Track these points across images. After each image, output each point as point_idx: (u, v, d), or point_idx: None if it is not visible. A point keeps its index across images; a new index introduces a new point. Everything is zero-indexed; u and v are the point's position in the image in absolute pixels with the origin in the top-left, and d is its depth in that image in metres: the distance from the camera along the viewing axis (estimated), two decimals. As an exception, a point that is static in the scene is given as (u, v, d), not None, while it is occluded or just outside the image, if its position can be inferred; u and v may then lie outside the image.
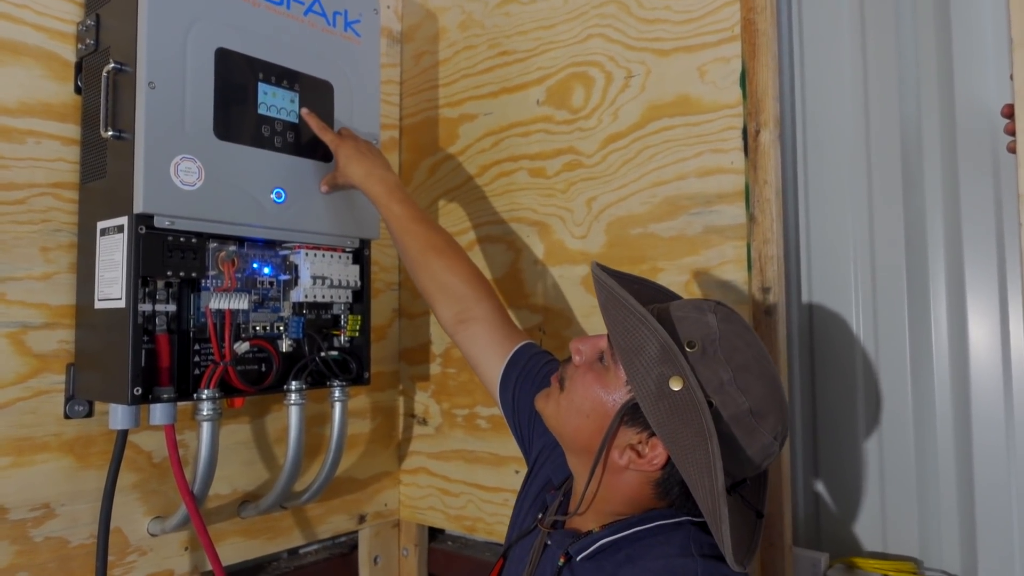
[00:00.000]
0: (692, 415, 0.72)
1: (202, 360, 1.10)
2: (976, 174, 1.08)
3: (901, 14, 1.16)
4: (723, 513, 0.71)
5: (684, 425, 0.73)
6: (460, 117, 1.55)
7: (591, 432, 0.80)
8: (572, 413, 0.82)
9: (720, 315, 0.79)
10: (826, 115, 1.23)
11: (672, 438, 0.73)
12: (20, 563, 1.06)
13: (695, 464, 0.73)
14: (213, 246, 1.11)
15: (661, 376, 0.73)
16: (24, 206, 1.08)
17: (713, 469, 0.71)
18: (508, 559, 0.94)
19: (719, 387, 0.74)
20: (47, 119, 1.11)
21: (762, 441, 0.76)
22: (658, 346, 0.74)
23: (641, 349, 0.75)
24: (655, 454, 0.77)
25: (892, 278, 1.15)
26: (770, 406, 0.77)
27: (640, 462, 0.78)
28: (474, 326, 1.09)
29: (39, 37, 1.10)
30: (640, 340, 0.75)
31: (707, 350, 0.75)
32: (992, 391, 1.06)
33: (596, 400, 0.80)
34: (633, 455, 0.78)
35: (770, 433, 0.77)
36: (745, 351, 0.77)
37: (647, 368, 0.74)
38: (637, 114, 1.28)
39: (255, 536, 1.34)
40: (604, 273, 0.82)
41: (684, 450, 0.73)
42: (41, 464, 1.08)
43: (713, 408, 0.73)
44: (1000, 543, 1.05)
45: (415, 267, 1.14)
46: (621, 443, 0.79)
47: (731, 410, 0.74)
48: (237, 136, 1.11)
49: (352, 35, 1.28)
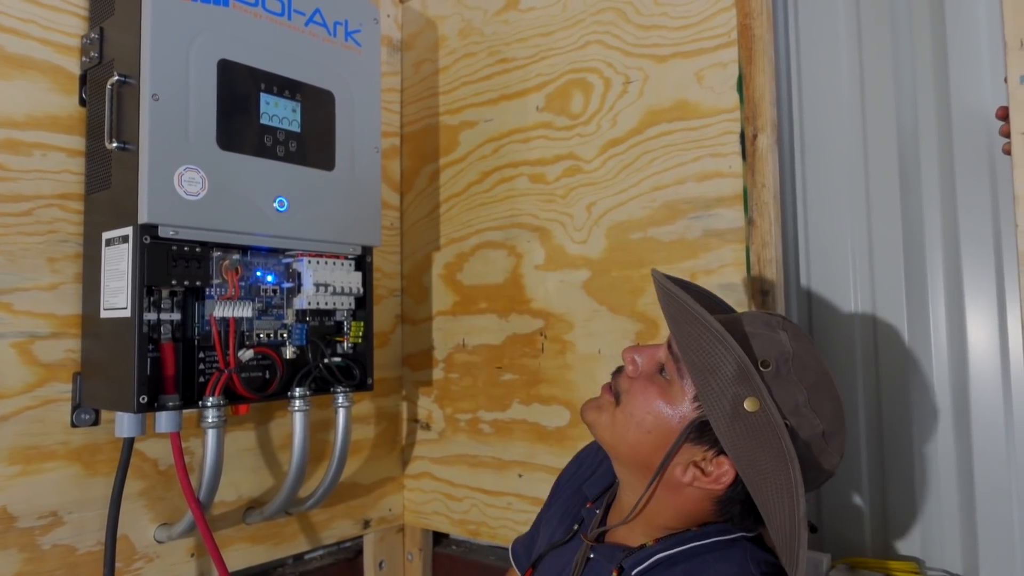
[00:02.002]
0: (771, 438, 0.70)
1: (207, 368, 1.11)
2: (973, 176, 1.09)
3: (897, 18, 1.17)
4: (803, 538, 0.69)
5: (761, 448, 0.70)
6: (460, 124, 1.56)
7: (652, 447, 0.78)
8: (631, 427, 0.79)
9: (791, 332, 0.76)
10: (823, 119, 1.23)
11: (748, 461, 0.71)
12: (28, 570, 1.07)
13: (774, 488, 0.71)
14: (217, 255, 1.12)
15: (736, 396, 0.71)
16: (31, 217, 1.09)
17: (795, 495, 0.69)
18: (538, 570, 0.91)
19: (795, 409, 0.73)
20: (53, 131, 1.12)
21: (832, 462, 0.75)
22: (735, 366, 0.71)
23: (717, 368, 0.72)
24: (721, 472, 0.75)
25: (890, 279, 1.16)
26: (838, 426, 0.76)
27: (705, 480, 0.75)
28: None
29: (45, 51, 1.12)
30: (715, 359, 0.72)
31: (780, 370, 0.73)
32: (991, 391, 1.07)
33: (659, 415, 0.77)
34: (697, 472, 0.76)
35: (837, 454, 0.76)
36: (816, 369, 0.75)
37: (722, 388, 0.72)
38: (636, 119, 1.29)
39: (260, 542, 1.35)
40: (670, 282, 0.79)
41: (762, 474, 0.71)
42: (49, 472, 1.09)
43: (790, 429, 0.72)
44: (1001, 542, 1.05)
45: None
46: (684, 460, 0.76)
47: (807, 432, 0.73)
48: (240, 146, 1.12)
49: (353, 45, 1.30)
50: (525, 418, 1.42)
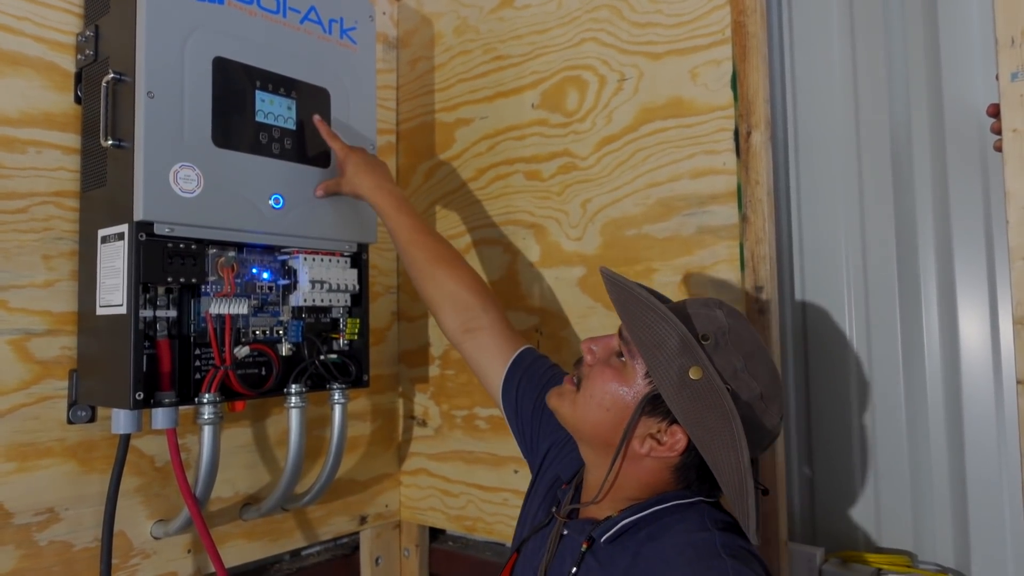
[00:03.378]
0: (715, 399, 0.78)
1: (203, 364, 1.12)
2: (965, 173, 1.10)
3: (890, 16, 1.18)
4: (749, 487, 0.77)
5: (707, 409, 0.78)
6: (456, 121, 1.56)
7: (612, 425, 0.85)
8: (592, 408, 0.87)
9: (725, 311, 0.85)
10: (817, 116, 1.24)
11: (697, 422, 0.78)
12: (25, 567, 1.07)
13: (721, 444, 0.78)
14: (213, 252, 1.13)
15: (682, 367, 0.79)
16: (26, 215, 1.09)
17: (739, 446, 0.77)
18: (522, 553, 0.96)
19: (734, 374, 0.81)
20: (48, 129, 1.12)
21: (771, 422, 0.83)
22: (678, 339, 0.80)
23: (662, 343, 0.80)
24: (675, 440, 0.82)
25: (883, 276, 1.17)
26: (775, 391, 0.83)
27: (660, 449, 0.82)
28: (480, 335, 1.12)
29: (39, 48, 1.12)
30: (661, 335, 0.81)
31: (719, 342, 0.82)
32: (983, 386, 1.08)
33: (615, 394, 0.85)
34: (653, 443, 0.83)
35: (776, 415, 0.83)
36: (751, 341, 0.84)
37: (669, 360, 0.80)
38: (630, 117, 1.29)
39: (257, 538, 1.35)
40: (617, 275, 0.88)
41: (710, 432, 0.78)
42: (45, 469, 1.10)
43: (731, 392, 0.79)
44: (992, 536, 1.06)
45: (422, 278, 1.16)
46: (641, 433, 0.83)
47: (746, 394, 0.81)
48: (235, 143, 1.12)
49: (348, 42, 1.30)
50: (521, 414, 1.42)
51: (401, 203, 1.19)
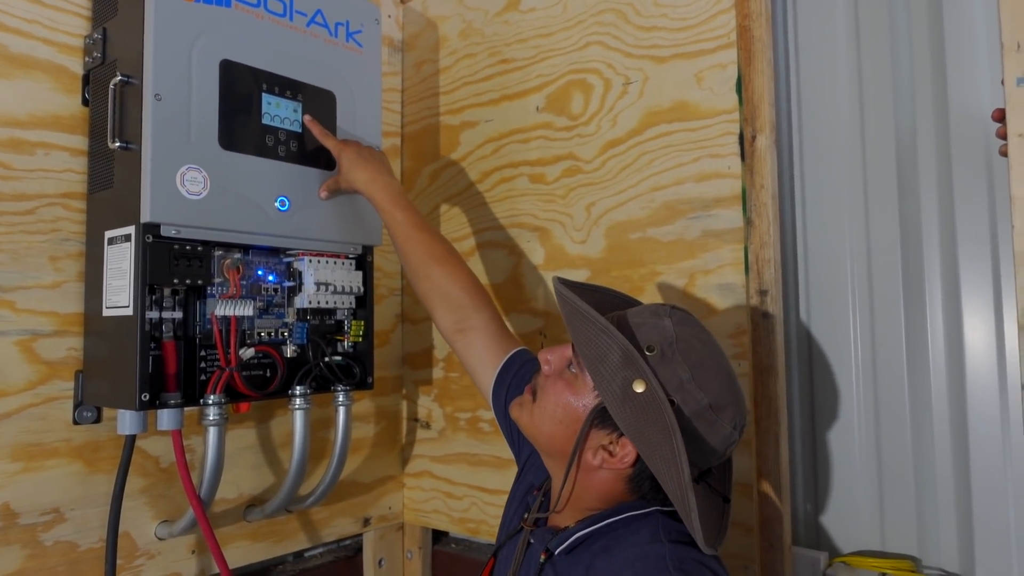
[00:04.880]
0: (656, 414, 0.77)
1: (208, 366, 1.12)
2: (970, 178, 1.10)
3: (895, 20, 1.18)
4: (691, 503, 0.76)
5: (649, 424, 0.77)
6: (461, 124, 1.57)
7: (565, 436, 0.85)
8: (546, 420, 0.87)
9: (676, 319, 0.84)
10: (822, 120, 1.24)
11: (639, 436, 0.78)
12: (30, 567, 1.07)
13: (662, 459, 0.77)
14: (218, 254, 1.13)
15: (625, 380, 0.78)
16: (34, 216, 1.10)
17: (679, 462, 0.76)
18: (498, 559, 0.97)
19: (679, 386, 0.79)
20: (56, 131, 1.13)
21: (723, 432, 0.81)
22: (620, 352, 0.79)
23: (605, 357, 0.80)
24: (625, 452, 0.81)
25: (888, 280, 1.17)
26: (727, 399, 0.82)
27: (612, 461, 0.82)
28: (472, 335, 1.12)
29: (48, 51, 1.13)
30: (603, 348, 0.80)
31: (665, 353, 0.80)
32: (987, 391, 1.08)
33: (567, 406, 0.85)
34: (605, 455, 0.83)
35: (729, 424, 0.82)
36: (701, 350, 0.82)
37: (611, 374, 0.79)
38: (635, 120, 1.30)
39: (261, 539, 1.35)
40: (565, 287, 0.86)
41: (651, 447, 0.78)
42: (51, 469, 1.10)
43: (675, 406, 0.78)
44: (997, 540, 1.06)
45: (416, 275, 1.16)
46: (593, 444, 0.83)
47: (692, 406, 0.79)
48: (241, 146, 1.13)
49: (354, 45, 1.31)
50: (524, 417, 1.42)
51: (396, 197, 1.18)
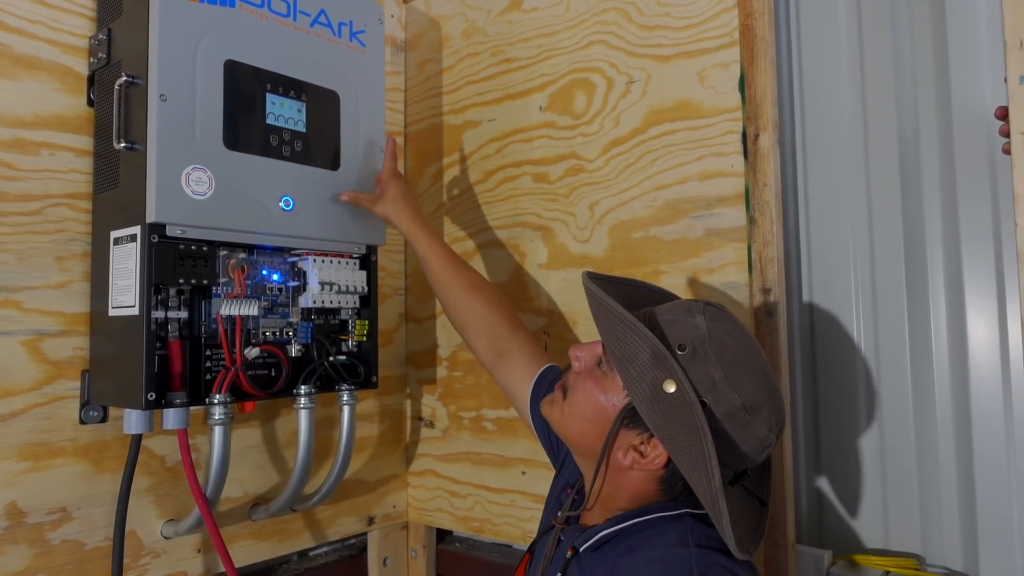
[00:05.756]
0: (686, 416, 0.75)
1: (214, 365, 1.13)
2: (973, 175, 1.10)
3: (897, 18, 1.18)
4: (722, 508, 0.74)
5: (679, 426, 0.75)
6: (464, 124, 1.57)
7: (595, 435, 0.84)
8: (576, 419, 0.86)
9: (708, 315, 0.81)
10: (824, 118, 1.24)
11: (669, 439, 0.76)
12: (38, 565, 1.08)
13: (692, 463, 0.75)
14: (223, 254, 1.13)
15: (655, 380, 0.76)
16: (39, 216, 1.10)
17: (710, 467, 0.74)
18: (533, 555, 0.97)
19: (711, 386, 0.77)
20: (61, 131, 1.13)
21: (758, 435, 0.79)
22: (649, 352, 0.77)
23: (634, 356, 0.78)
24: (656, 454, 0.80)
25: (891, 278, 1.17)
26: (762, 400, 0.79)
27: (643, 462, 0.81)
28: (511, 357, 1.14)
29: (53, 51, 1.13)
30: (632, 347, 0.78)
31: (697, 351, 0.78)
32: (991, 388, 1.08)
33: (597, 405, 0.84)
34: (636, 455, 0.81)
35: (765, 426, 0.79)
36: (735, 348, 0.80)
37: (641, 373, 0.77)
38: (638, 119, 1.30)
39: (266, 538, 1.36)
40: (593, 283, 0.85)
41: (681, 450, 0.76)
42: (57, 468, 1.11)
43: (707, 408, 0.76)
44: (1001, 538, 1.06)
45: (457, 305, 1.19)
46: (624, 444, 0.82)
47: (724, 408, 0.77)
48: (246, 146, 1.13)
49: (357, 45, 1.31)
50: (528, 416, 1.42)
51: (433, 234, 1.24)
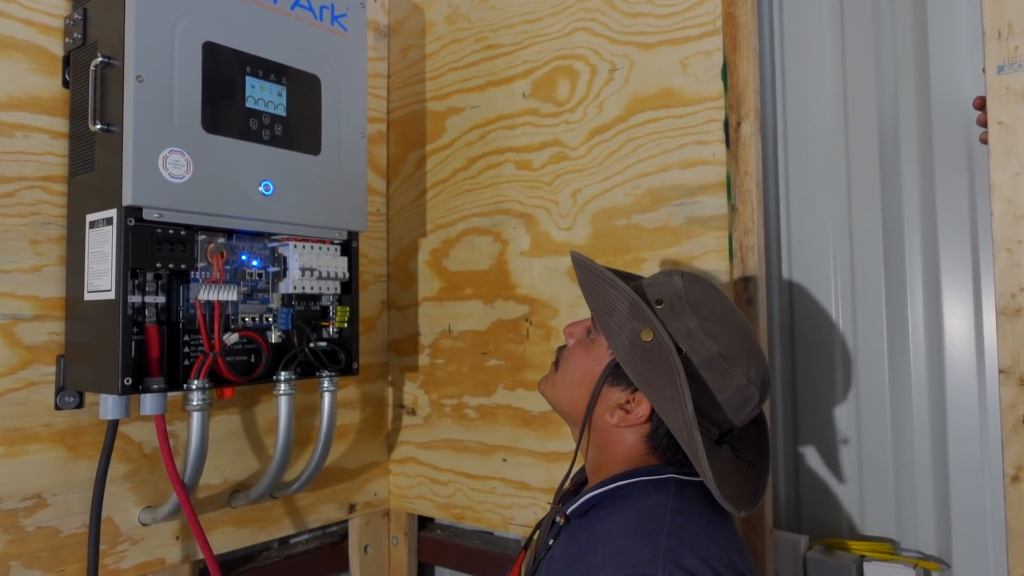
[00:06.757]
0: (662, 359, 0.80)
1: (192, 351, 1.11)
2: (951, 165, 1.11)
3: (879, 9, 1.19)
4: (696, 439, 0.77)
5: (656, 369, 0.80)
6: (447, 110, 1.56)
7: (584, 399, 0.88)
8: (566, 386, 0.91)
9: (687, 278, 0.87)
10: (806, 108, 1.25)
11: (647, 382, 0.80)
12: (12, 552, 1.07)
13: (668, 399, 0.79)
14: (202, 238, 1.12)
15: (633, 330, 0.82)
16: (13, 199, 1.09)
17: (682, 399, 0.77)
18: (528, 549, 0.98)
19: (687, 334, 0.82)
20: (36, 113, 1.11)
21: (736, 383, 0.82)
22: (628, 304, 0.83)
23: (613, 309, 0.84)
24: (640, 407, 0.84)
25: (870, 266, 1.18)
26: (739, 351, 0.83)
27: (628, 418, 0.84)
28: None
29: (27, 31, 1.11)
30: (612, 301, 0.84)
31: (674, 305, 0.84)
32: (967, 376, 1.09)
33: (584, 369, 0.89)
34: (622, 413, 0.85)
35: (743, 375, 0.82)
36: (711, 305, 0.84)
37: (620, 325, 0.83)
38: (621, 107, 1.30)
39: (246, 525, 1.35)
40: (580, 255, 0.91)
41: (657, 390, 0.79)
42: (32, 454, 1.09)
43: (683, 354, 0.80)
44: (973, 524, 1.08)
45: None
46: (611, 404, 0.86)
47: (700, 354, 0.81)
48: (225, 129, 1.12)
49: (339, 29, 1.29)
50: (510, 403, 1.43)
51: None
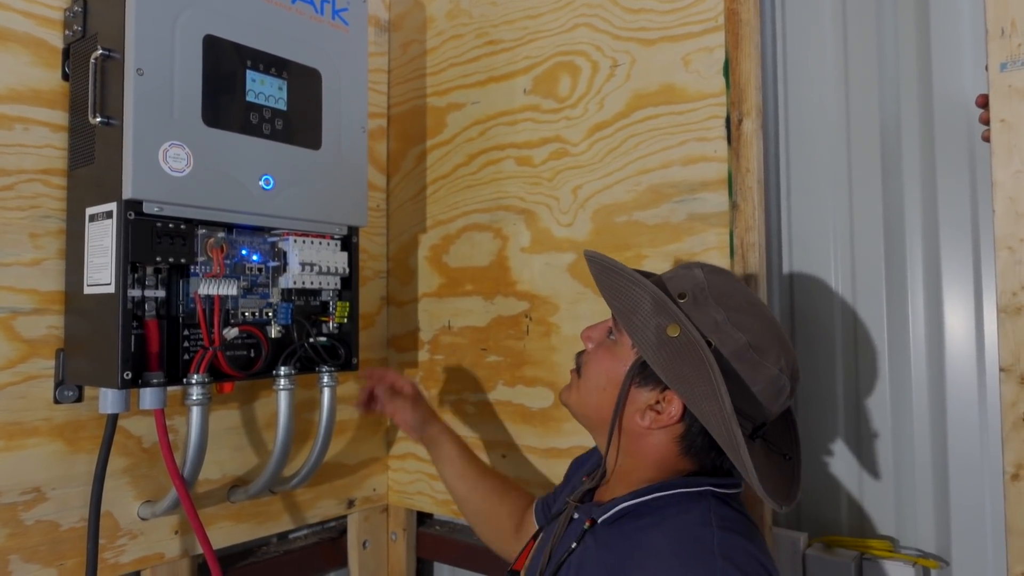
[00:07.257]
0: (692, 352, 0.77)
1: (191, 345, 1.11)
2: (952, 162, 1.11)
3: (881, 6, 1.18)
4: (737, 435, 0.74)
5: (686, 363, 0.77)
6: (448, 106, 1.56)
7: (610, 403, 0.84)
8: (591, 391, 0.87)
9: (707, 269, 0.84)
10: (808, 104, 1.25)
11: (678, 378, 0.77)
12: (11, 546, 1.07)
13: (703, 395, 0.76)
14: (202, 232, 1.12)
15: (659, 326, 0.78)
16: (13, 192, 1.08)
17: (719, 393, 0.74)
18: (538, 539, 0.97)
19: (714, 327, 0.79)
20: (35, 106, 1.11)
21: (768, 374, 0.79)
22: (651, 300, 0.80)
23: (636, 307, 0.81)
24: (671, 406, 0.80)
25: (871, 264, 1.18)
26: (769, 341, 0.80)
27: (660, 419, 0.81)
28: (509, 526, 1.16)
29: (27, 24, 1.11)
30: (634, 299, 0.81)
31: (698, 298, 0.80)
32: (967, 374, 1.09)
33: (609, 371, 0.85)
34: (653, 414, 0.82)
35: (774, 365, 0.79)
36: (735, 295, 0.82)
37: (644, 322, 0.79)
38: (622, 103, 1.29)
39: (245, 520, 1.35)
40: (596, 253, 0.88)
41: (690, 386, 0.76)
42: (31, 448, 1.09)
43: (712, 347, 0.77)
44: (973, 522, 1.08)
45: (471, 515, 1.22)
46: (640, 406, 0.82)
47: (730, 347, 0.78)
48: (225, 123, 1.11)
49: (340, 23, 1.29)
50: (510, 399, 1.43)
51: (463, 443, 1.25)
